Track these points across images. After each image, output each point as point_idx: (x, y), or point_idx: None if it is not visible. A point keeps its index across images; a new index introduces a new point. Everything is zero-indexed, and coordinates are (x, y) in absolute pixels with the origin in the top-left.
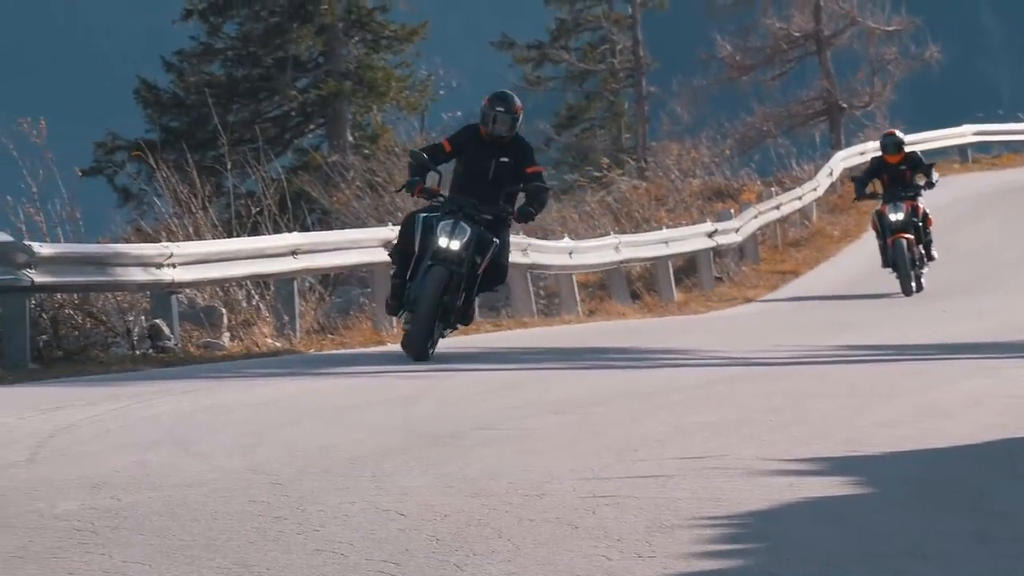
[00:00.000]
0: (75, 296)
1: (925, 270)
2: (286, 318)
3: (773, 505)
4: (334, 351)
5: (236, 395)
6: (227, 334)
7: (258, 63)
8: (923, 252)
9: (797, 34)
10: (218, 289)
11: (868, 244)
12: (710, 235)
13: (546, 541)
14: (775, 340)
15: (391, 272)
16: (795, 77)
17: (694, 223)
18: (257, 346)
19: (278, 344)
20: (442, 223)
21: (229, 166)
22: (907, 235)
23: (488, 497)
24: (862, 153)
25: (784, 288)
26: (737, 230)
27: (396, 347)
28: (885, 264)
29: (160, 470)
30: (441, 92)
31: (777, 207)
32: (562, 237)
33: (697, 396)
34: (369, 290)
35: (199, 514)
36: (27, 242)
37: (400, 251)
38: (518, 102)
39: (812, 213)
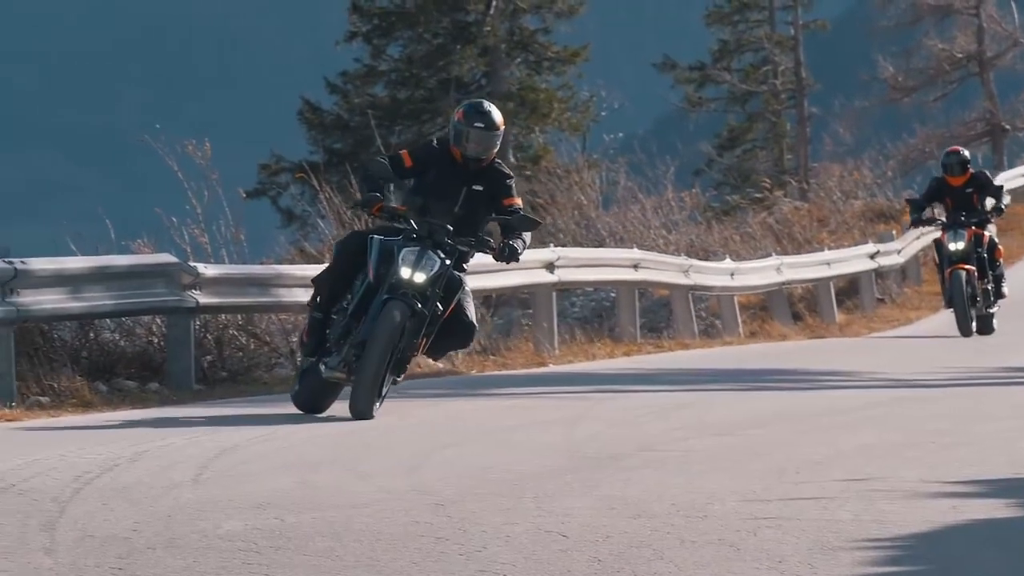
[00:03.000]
0: (239, 317)
1: (995, 309)
2: None
3: (936, 527)
4: (496, 372)
5: (399, 416)
6: None
7: (421, 84)
8: (989, 288)
9: (959, 55)
10: None
11: None
12: (872, 256)
13: (708, 563)
14: (937, 361)
15: (310, 301)
16: (957, 98)
17: (856, 244)
18: (419, 367)
19: (440, 365)
20: (405, 250)
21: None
22: (967, 267)
23: (650, 518)
24: None
25: (946, 310)
26: (899, 251)
27: (559, 368)
28: (948, 304)
29: (323, 490)
30: (603, 113)
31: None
32: (724, 258)
33: (859, 418)
34: (530, 311)
35: (362, 535)
36: (192, 263)
37: (330, 278)
38: (499, 117)
39: None
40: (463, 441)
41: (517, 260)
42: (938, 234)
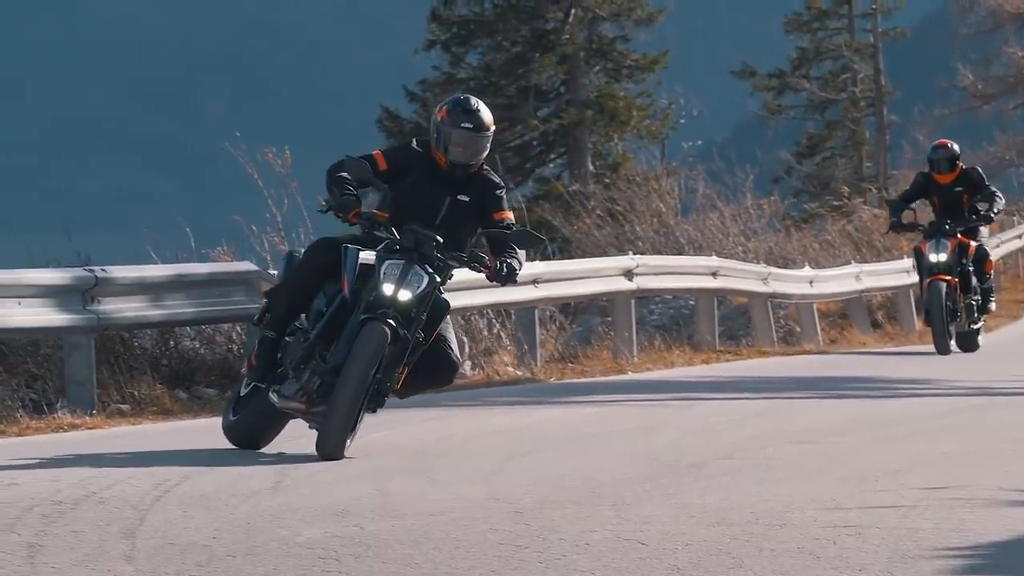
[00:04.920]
0: None
1: (979, 324)
2: (527, 347)
3: (1017, 536)
4: (575, 380)
5: (477, 423)
6: (468, 363)
7: (500, 92)
8: (973, 303)
9: None
10: (460, 318)
11: None
12: None
13: (787, 571)
14: (1017, 369)
15: (259, 318)
16: None
17: None
18: (498, 375)
19: (519, 373)
20: (388, 262)
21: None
22: (947, 278)
23: (729, 526)
24: None
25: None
26: None
27: (638, 375)
28: (925, 318)
29: (402, 498)
30: (682, 121)
31: (1019, 236)
32: (803, 266)
33: (938, 425)
34: (609, 319)
35: (441, 543)
36: (272, 271)
37: (288, 292)
38: (489, 116)
39: None
40: (541, 449)
41: (514, 281)
42: (920, 241)
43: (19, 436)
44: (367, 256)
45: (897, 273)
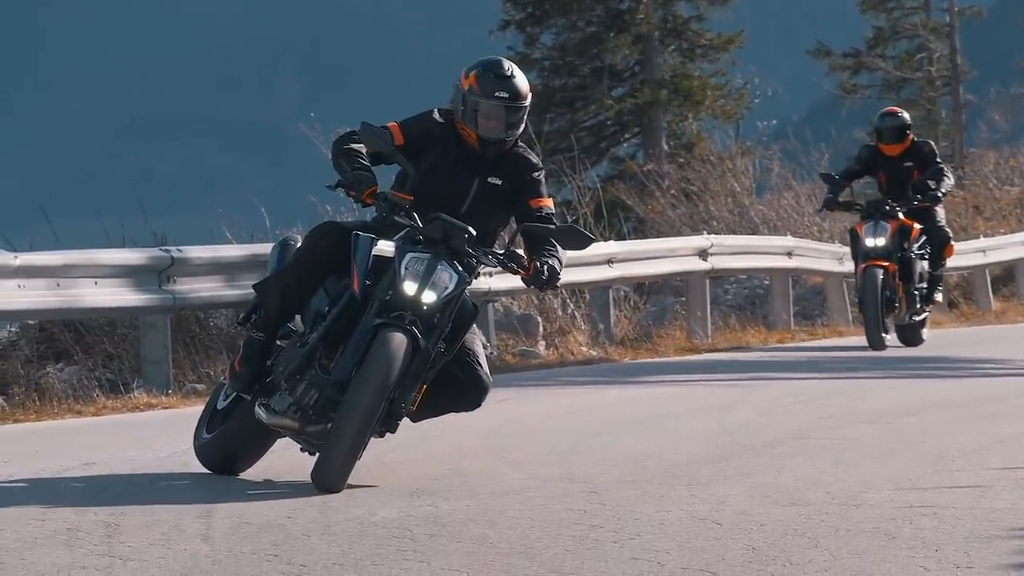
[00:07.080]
0: None
1: (924, 316)
2: (601, 326)
3: None
4: (648, 360)
5: (551, 403)
6: (542, 342)
7: (575, 72)
8: (915, 293)
9: None
10: (533, 298)
11: None
12: None
13: (863, 551)
14: None
15: (245, 317)
16: None
17: (1012, 232)
18: (572, 354)
19: (593, 352)
20: (410, 256)
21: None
22: (885, 264)
23: (804, 506)
24: None
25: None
26: None
27: (712, 355)
28: (860, 306)
29: (477, 478)
30: (757, 101)
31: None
32: None
33: (1015, 406)
34: (684, 299)
35: (516, 522)
36: None
37: (282, 287)
38: (525, 83)
39: None
40: (616, 428)
41: (555, 287)
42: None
43: (96, 416)
44: (384, 247)
45: (973, 253)
